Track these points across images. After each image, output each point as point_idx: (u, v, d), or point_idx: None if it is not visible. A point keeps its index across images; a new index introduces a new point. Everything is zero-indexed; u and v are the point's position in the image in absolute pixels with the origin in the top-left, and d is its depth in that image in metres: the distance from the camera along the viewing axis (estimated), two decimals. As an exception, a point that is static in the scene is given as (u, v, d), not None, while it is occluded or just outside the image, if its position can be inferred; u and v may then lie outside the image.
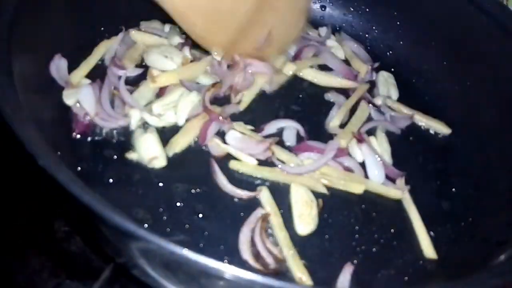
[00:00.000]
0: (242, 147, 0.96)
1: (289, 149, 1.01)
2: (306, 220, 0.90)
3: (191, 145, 0.97)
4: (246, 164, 0.95)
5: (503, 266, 0.76)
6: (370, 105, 1.14)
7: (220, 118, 0.98)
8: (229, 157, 0.97)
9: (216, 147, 0.96)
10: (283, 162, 0.97)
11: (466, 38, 1.15)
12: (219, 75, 1.08)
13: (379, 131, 1.09)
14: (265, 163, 0.97)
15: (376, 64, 1.25)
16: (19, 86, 0.75)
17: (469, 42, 1.15)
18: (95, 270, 0.85)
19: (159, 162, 0.92)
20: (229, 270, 0.58)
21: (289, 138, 1.03)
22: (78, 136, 0.94)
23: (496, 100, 1.08)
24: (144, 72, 1.06)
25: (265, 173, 0.95)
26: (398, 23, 1.28)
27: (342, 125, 1.08)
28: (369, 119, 1.11)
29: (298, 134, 1.05)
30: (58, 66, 0.97)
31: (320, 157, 0.98)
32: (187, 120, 1.00)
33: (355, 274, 0.85)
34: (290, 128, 1.05)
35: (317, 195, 0.95)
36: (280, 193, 0.94)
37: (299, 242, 0.87)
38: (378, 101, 1.16)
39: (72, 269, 0.86)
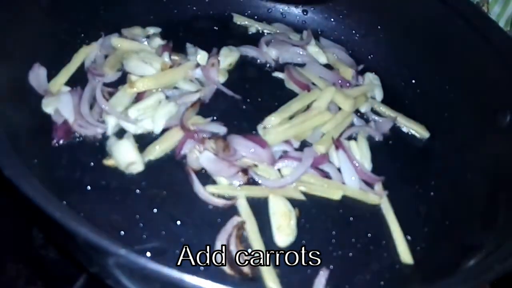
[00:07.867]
0: (214, 169, 0.94)
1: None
2: (285, 231, 0.90)
3: (168, 153, 0.97)
4: (222, 187, 0.94)
5: (474, 270, 0.76)
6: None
7: (196, 136, 0.97)
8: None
9: (194, 160, 0.95)
10: (260, 175, 0.96)
11: (445, 42, 1.16)
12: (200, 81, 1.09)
13: (361, 136, 1.09)
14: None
15: (361, 67, 1.25)
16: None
17: (447, 46, 1.16)
18: (73, 278, 0.85)
19: (136, 167, 0.92)
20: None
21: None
22: (57, 143, 0.94)
23: (473, 104, 1.08)
24: (124, 76, 1.06)
25: (243, 192, 0.93)
26: (379, 27, 1.28)
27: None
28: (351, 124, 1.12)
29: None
30: (37, 75, 0.97)
31: (298, 165, 0.97)
32: (165, 129, 0.99)
33: (331, 279, 0.85)
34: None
35: (294, 201, 0.94)
36: (258, 200, 0.94)
37: (275, 248, 0.88)
38: (363, 108, 1.16)
39: (49, 277, 0.86)
